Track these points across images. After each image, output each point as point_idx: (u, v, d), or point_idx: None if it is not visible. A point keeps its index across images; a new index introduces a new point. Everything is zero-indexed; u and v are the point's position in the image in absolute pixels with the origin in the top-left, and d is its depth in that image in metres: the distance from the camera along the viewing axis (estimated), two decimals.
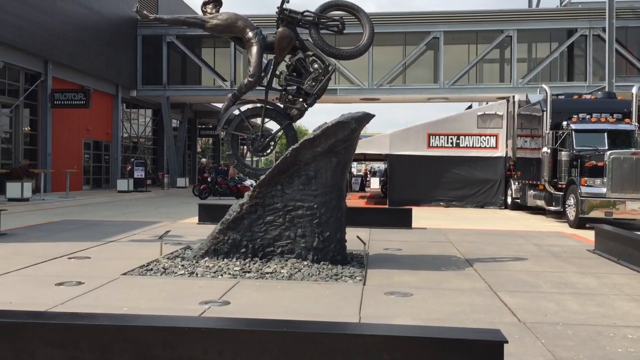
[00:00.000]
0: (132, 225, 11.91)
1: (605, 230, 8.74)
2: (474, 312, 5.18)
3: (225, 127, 7.82)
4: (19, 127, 22.99)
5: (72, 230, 10.94)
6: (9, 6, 20.59)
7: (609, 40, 20.68)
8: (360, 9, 7.78)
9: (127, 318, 3.61)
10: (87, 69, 26.10)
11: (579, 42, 28.93)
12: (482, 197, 18.93)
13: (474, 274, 6.97)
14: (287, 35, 7.57)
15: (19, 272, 6.70)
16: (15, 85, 22.81)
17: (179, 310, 5.01)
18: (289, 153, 6.94)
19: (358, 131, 7.10)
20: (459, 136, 19.14)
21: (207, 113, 40.57)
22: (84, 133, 27.43)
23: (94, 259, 7.66)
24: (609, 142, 13.91)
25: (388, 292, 5.85)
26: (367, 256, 7.58)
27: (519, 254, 8.68)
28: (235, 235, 7.04)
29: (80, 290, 5.81)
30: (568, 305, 5.50)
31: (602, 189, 12.77)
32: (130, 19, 29.85)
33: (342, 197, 7.17)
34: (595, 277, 6.91)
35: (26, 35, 21.67)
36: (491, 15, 29.10)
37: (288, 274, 6.50)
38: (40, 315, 3.64)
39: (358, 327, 3.80)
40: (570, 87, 25.83)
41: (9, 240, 9.30)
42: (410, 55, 29.45)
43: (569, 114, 14.69)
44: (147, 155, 34.40)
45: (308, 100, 7.70)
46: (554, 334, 4.53)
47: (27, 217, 13.64)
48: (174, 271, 6.68)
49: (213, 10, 7.79)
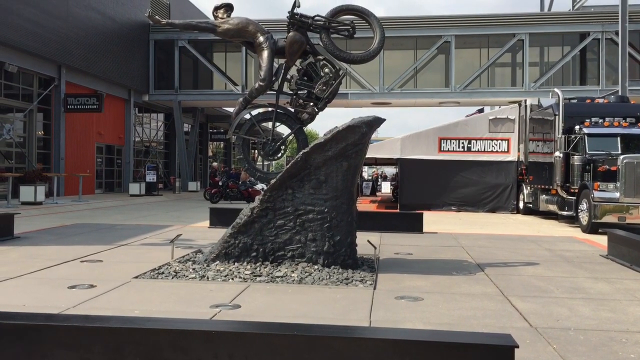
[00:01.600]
0: (143, 229, 11.98)
1: (618, 235, 8.67)
2: (485, 317, 5.15)
3: (236, 131, 7.85)
4: (32, 131, 23.20)
5: (84, 233, 11.02)
6: (24, 12, 20.82)
7: (622, 44, 20.50)
8: (371, 13, 7.79)
9: (138, 321, 3.63)
10: (100, 73, 26.30)
11: (591, 46, 28.75)
12: (493, 202, 18.83)
13: (485, 279, 6.94)
14: (297, 40, 7.59)
15: (32, 275, 6.77)
16: (29, 90, 23.03)
17: (190, 313, 5.03)
18: (299, 157, 6.95)
19: (369, 135, 7.09)
20: (470, 140, 19.07)
21: (219, 117, 40.73)
22: (97, 137, 27.63)
23: (106, 263, 7.71)
24: (622, 146, 13.80)
25: (399, 297, 5.83)
26: (377, 260, 7.57)
27: (530, 258, 8.62)
28: (246, 239, 7.06)
29: (92, 293, 5.85)
30: (580, 310, 5.46)
31: (615, 194, 12.67)
32: (143, 24, 30.07)
33: (352, 201, 7.17)
34: (607, 283, 6.86)
35: (40, 41, 21.88)
36: (503, 19, 28.99)
37: (299, 278, 6.50)
38: (53, 318, 3.67)
39: (368, 331, 3.80)
40: (582, 91, 25.64)
41: (22, 244, 9.39)
42: (422, 59, 29.40)
43: (581, 118, 14.59)
44: (158, 160, 34.59)
45: (319, 104, 7.72)
46: (565, 340, 4.50)
47: (40, 220, 13.76)
48: (185, 275, 6.71)
49: (224, 15, 7.84)
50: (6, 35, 19.98)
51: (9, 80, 21.82)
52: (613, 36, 26.94)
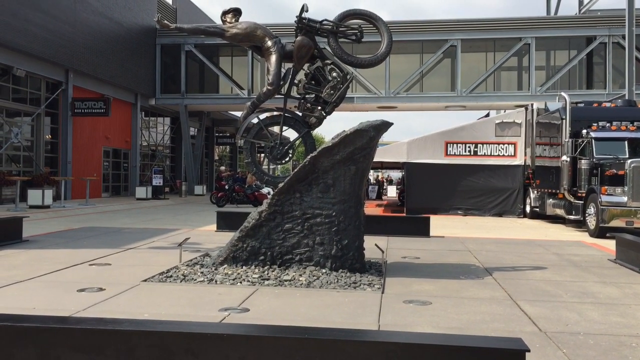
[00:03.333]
0: (151, 232, 12.01)
1: (627, 240, 8.63)
2: (494, 321, 5.15)
3: (244, 135, 7.88)
4: (40, 135, 23.34)
5: (92, 237, 11.07)
6: (32, 17, 20.95)
7: (629, 47, 20.42)
8: (379, 17, 7.82)
9: (150, 324, 3.65)
10: (107, 77, 26.43)
11: (598, 50, 28.69)
12: (500, 206, 18.80)
13: (494, 283, 6.93)
14: (305, 44, 7.62)
15: (41, 278, 6.80)
16: (36, 94, 23.17)
17: (199, 316, 5.05)
18: (307, 161, 6.97)
19: (377, 139, 7.11)
20: (476, 144, 19.05)
21: (225, 121, 40.83)
22: (104, 141, 27.75)
23: (114, 266, 7.74)
24: (630, 150, 13.76)
25: (407, 301, 5.83)
26: (385, 264, 7.57)
27: (538, 263, 8.60)
28: (254, 242, 7.08)
29: (101, 296, 5.88)
30: (589, 315, 5.45)
31: (623, 198, 12.62)
32: (149, 29, 30.21)
33: (360, 205, 7.18)
34: (616, 287, 6.84)
35: (48, 45, 22.02)
36: (509, 22, 28.97)
37: (306, 282, 6.51)
38: (65, 321, 3.69)
39: (379, 335, 3.80)
40: (589, 95, 25.60)
41: (31, 247, 9.44)
42: (428, 63, 29.41)
43: (588, 122, 14.56)
44: (165, 163, 34.69)
45: (326, 108, 7.75)
46: (575, 344, 4.49)
47: (48, 224, 13.82)
48: (194, 278, 6.73)
49: (232, 19, 7.88)
50: (14, 40, 20.11)
51: (17, 84, 21.96)
52: (620, 40, 26.88)
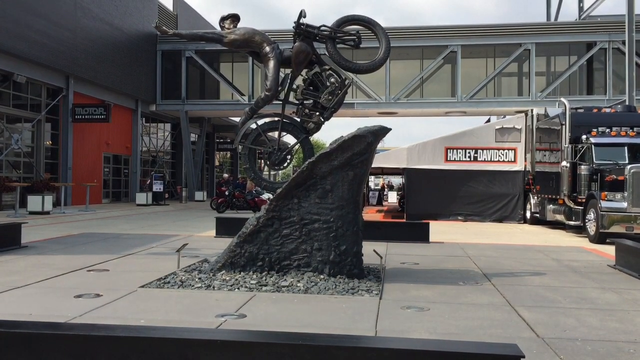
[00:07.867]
0: (150, 238, 12.00)
1: (626, 246, 8.61)
2: (492, 327, 5.13)
3: (242, 140, 7.88)
4: (40, 141, 23.37)
5: (91, 243, 11.05)
6: (33, 23, 21.02)
7: (629, 53, 20.44)
8: (377, 23, 7.83)
9: (144, 330, 3.63)
10: (107, 83, 26.49)
11: (598, 55, 28.72)
12: (500, 212, 18.77)
13: (492, 289, 6.90)
14: (304, 50, 7.63)
15: (38, 284, 6.79)
16: (37, 100, 23.22)
17: (196, 323, 5.04)
18: (305, 166, 6.96)
19: (375, 145, 7.10)
20: (477, 150, 19.04)
21: (225, 127, 40.89)
22: (104, 147, 27.79)
23: (113, 272, 7.73)
24: (630, 156, 13.73)
25: (405, 307, 5.81)
26: (383, 270, 7.55)
27: (537, 268, 8.58)
28: (252, 248, 7.07)
29: (98, 302, 5.86)
30: (587, 320, 5.43)
31: (623, 204, 12.59)
32: (150, 35, 30.29)
33: (358, 210, 7.17)
34: (615, 293, 6.81)
35: (49, 51, 22.08)
36: (509, 28, 29.02)
37: (304, 288, 6.49)
38: (59, 327, 3.68)
39: (374, 341, 3.78)
40: (589, 101, 25.59)
41: (29, 253, 9.43)
42: (428, 69, 29.45)
43: (588, 128, 14.54)
44: (165, 169, 34.71)
45: (325, 114, 7.74)
46: (573, 350, 4.46)
47: (48, 229, 13.81)
48: (191, 284, 6.71)
49: (231, 25, 7.89)
50: (15, 46, 20.17)
51: (18, 90, 22.02)
52: (620, 45, 26.91)
